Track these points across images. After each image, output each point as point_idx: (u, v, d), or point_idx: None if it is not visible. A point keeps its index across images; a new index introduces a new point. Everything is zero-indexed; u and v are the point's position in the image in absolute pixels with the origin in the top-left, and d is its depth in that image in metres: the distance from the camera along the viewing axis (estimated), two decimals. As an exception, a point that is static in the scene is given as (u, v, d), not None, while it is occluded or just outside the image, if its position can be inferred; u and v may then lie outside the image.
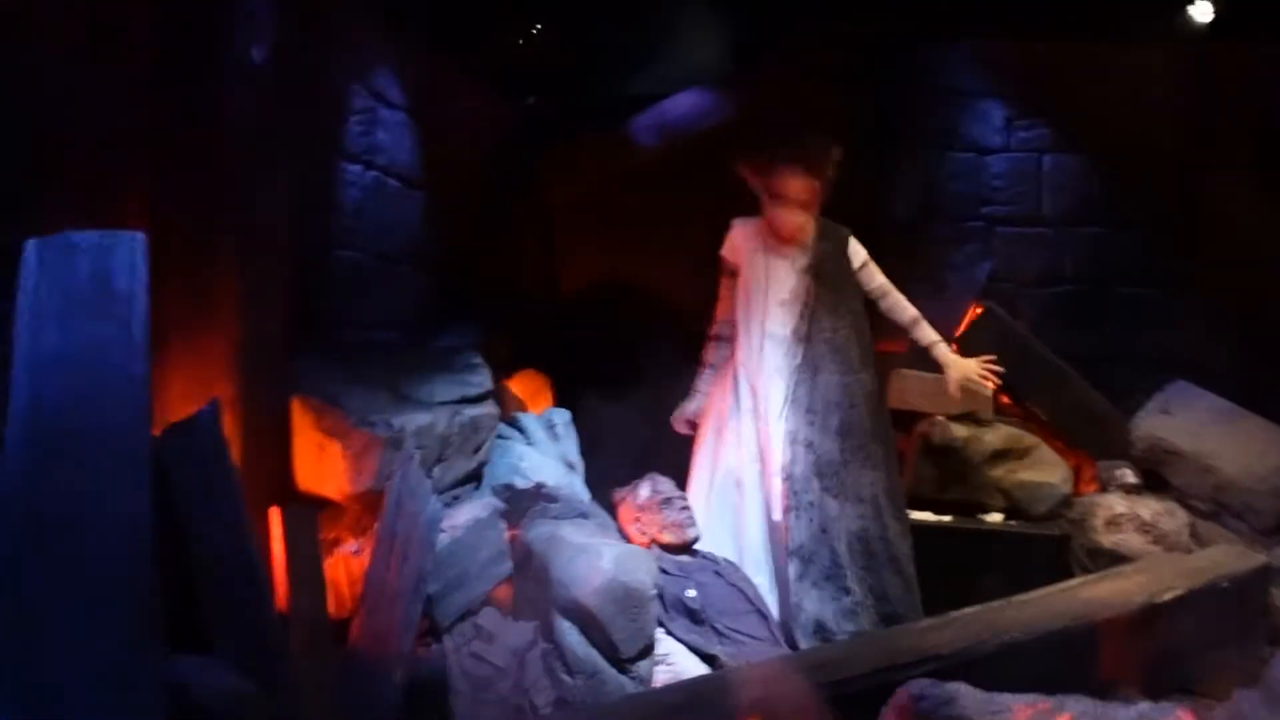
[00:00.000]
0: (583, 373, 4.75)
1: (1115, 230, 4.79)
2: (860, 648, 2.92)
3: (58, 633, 1.69)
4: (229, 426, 2.75)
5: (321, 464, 2.90)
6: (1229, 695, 2.33)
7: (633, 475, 3.97)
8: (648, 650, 3.08)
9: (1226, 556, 3.37)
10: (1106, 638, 2.91)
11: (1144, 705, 2.21)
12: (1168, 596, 3.00)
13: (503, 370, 4.54)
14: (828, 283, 3.65)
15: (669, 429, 4.91)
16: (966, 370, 3.67)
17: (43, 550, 1.80)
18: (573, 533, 3.18)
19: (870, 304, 3.76)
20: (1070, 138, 4.80)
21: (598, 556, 3.02)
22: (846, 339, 3.64)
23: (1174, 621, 3.06)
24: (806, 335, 3.61)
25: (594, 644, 2.97)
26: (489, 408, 3.25)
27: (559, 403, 4.67)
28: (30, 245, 2.16)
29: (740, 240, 3.78)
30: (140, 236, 2.29)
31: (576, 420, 4.63)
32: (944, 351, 3.70)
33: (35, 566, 1.77)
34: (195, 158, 2.77)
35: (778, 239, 3.66)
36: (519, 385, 4.49)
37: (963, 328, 4.66)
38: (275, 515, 2.53)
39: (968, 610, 3.07)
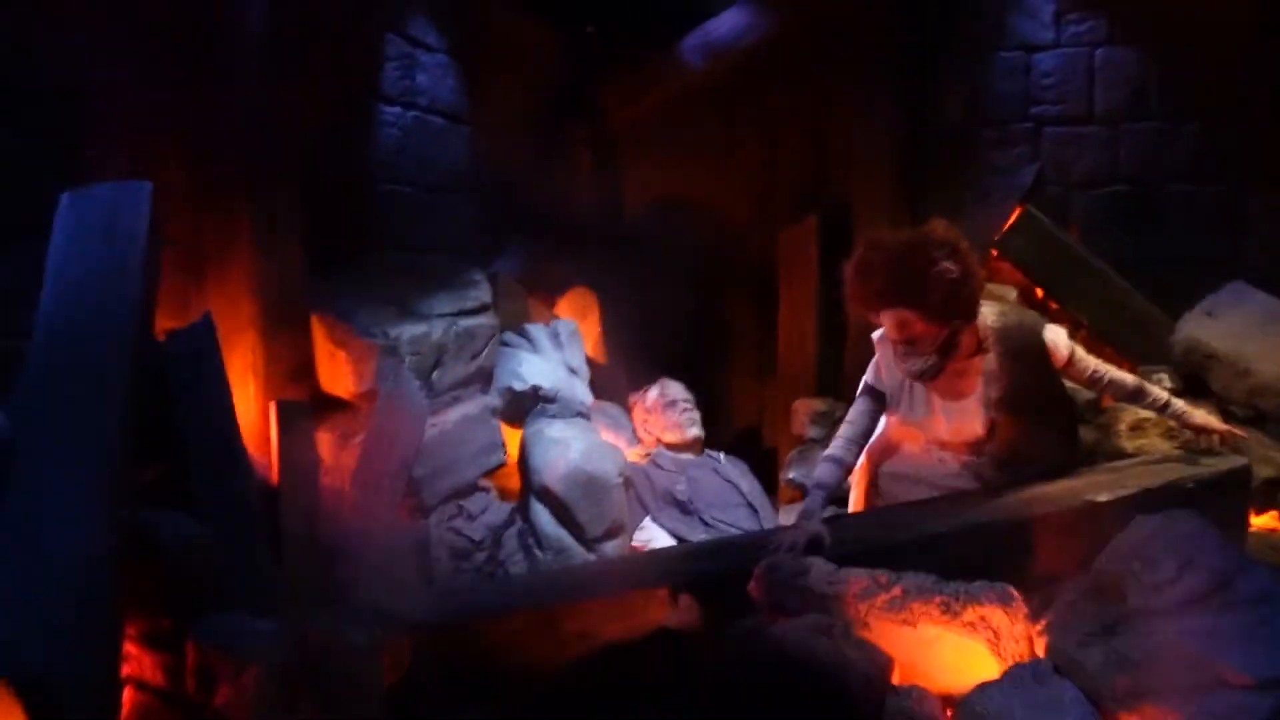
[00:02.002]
0: (636, 289, 5.10)
1: (1172, 126, 4.53)
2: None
3: (41, 470, 2.29)
4: (253, 339, 3.35)
5: (334, 369, 3.44)
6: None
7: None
8: (614, 532, 3.46)
9: (1210, 459, 3.32)
10: (1038, 534, 3.00)
11: (980, 583, 2.37)
12: (1107, 496, 3.03)
13: (553, 289, 4.97)
14: (1022, 398, 2.85)
15: (703, 341, 5.20)
16: (1208, 419, 3.20)
17: (51, 410, 2.40)
18: (557, 428, 3.59)
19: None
20: (1125, 29, 4.55)
21: (567, 448, 3.42)
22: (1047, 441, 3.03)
23: (1124, 520, 3.09)
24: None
25: (563, 524, 3.39)
26: (486, 319, 3.68)
27: (608, 319, 5.05)
28: (64, 196, 2.77)
29: (890, 362, 2.85)
30: (147, 185, 2.85)
31: (626, 333, 5.01)
32: (1180, 406, 3.15)
33: (42, 419, 2.38)
34: (222, 115, 3.32)
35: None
36: (569, 302, 4.89)
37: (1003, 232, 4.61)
38: (272, 407, 3.07)
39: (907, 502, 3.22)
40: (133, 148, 3.16)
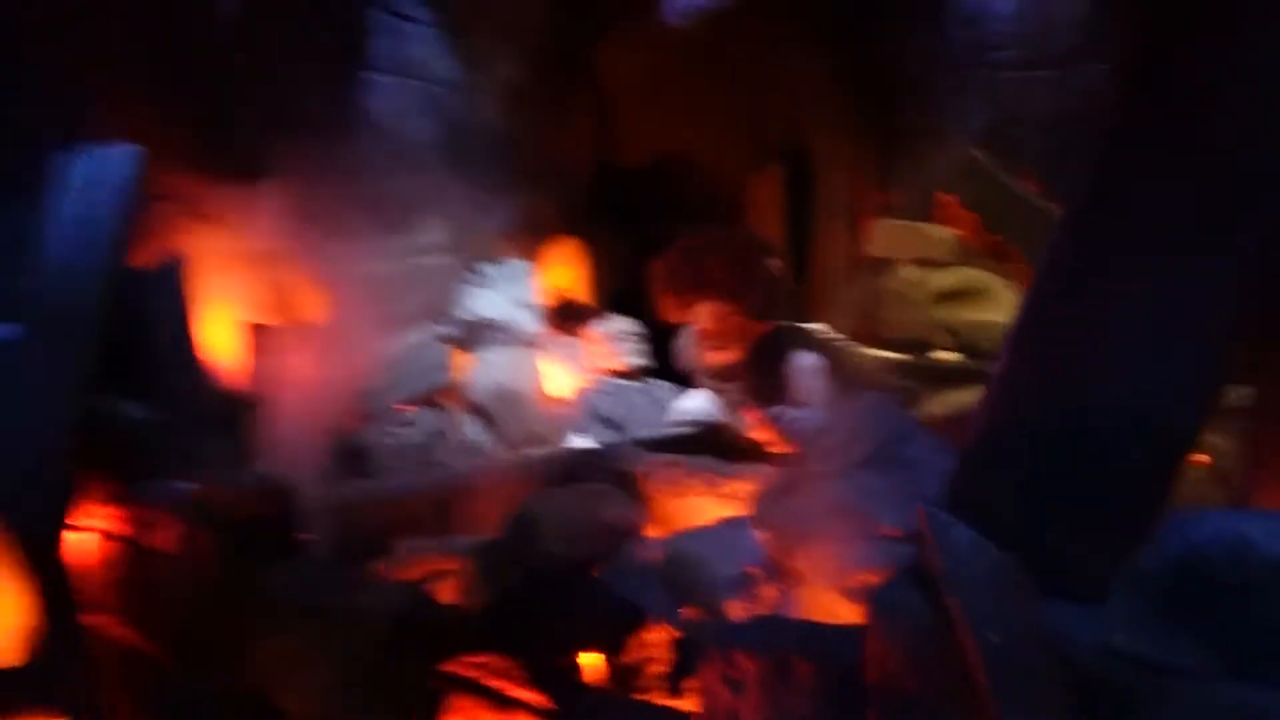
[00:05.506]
0: (626, 239, 5.56)
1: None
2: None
3: (31, 363, 2.99)
4: (238, 274, 4.03)
5: (306, 301, 4.08)
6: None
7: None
8: (534, 441, 3.98)
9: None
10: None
11: (745, 464, 2.77)
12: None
13: (544, 233, 5.48)
14: None
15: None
16: None
17: (43, 321, 3.11)
18: (494, 353, 4.13)
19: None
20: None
21: (496, 368, 3.96)
22: None
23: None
24: None
25: (489, 432, 3.93)
26: (439, 259, 4.25)
27: (597, 262, 5.51)
28: (66, 154, 3.49)
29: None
30: (133, 148, 3.54)
31: (614, 278, 5.48)
32: None
33: (36, 328, 3.09)
34: (213, 85, 4.01)
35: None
36: (556, 250, 5.39)
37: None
38: (249, 330, 3.75)
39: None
40: (138, 116, 3.88)
